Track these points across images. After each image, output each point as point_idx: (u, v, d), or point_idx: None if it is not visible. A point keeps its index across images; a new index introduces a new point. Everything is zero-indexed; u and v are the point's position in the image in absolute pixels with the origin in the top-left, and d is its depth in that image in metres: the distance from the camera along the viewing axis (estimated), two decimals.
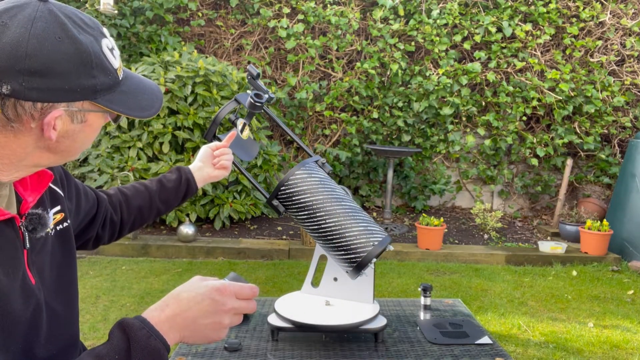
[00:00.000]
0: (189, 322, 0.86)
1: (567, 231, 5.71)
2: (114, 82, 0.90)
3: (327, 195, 1.37)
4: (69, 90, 0.83)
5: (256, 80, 1.37)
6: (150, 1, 6.23)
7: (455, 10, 6.36)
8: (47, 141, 0.86)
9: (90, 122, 0.90)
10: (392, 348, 1.45)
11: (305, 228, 1.42)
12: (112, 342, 0.83)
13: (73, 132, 0.88)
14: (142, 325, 0.83)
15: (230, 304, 0.88)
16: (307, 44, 6.34)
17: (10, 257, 0.90)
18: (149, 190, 1.42)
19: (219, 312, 0.87)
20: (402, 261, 5.09)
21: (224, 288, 0.88)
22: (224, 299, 0.88)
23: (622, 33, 6.55)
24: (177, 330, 0.85)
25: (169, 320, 0.85)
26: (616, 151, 6.65)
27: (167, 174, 1.46)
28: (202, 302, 0.86)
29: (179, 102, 5.29)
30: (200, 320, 0.86)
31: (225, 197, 5.41)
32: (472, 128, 6.60)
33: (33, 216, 0.96)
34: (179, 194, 1.45)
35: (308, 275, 1.59)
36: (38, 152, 0.88)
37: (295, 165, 1.40)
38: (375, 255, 1.32)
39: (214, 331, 0.88)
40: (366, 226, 1.35)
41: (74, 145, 0.91)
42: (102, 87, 0.87)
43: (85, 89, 0.85)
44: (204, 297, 0.87)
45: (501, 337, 3.44)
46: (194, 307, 0.86)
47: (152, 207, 1.42)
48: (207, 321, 0.87)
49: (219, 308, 0.87)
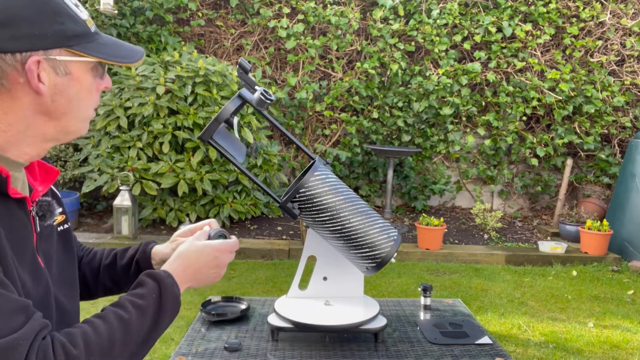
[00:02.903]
0: (197, 274, 1.09)
1: (567, 231, 5.71)
2: (85, 31, 0.93)
3: (347, 195, 1.40)
4: (39, 36, 0.87)
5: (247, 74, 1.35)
6: (150, 1, 6.23)
7: (455, 10, 6.36)
8: (42, 100, 0.90)
9: (76, 75, 0.93)
10: (392, 348, 1.45)
11: (323, 230, 1.41)
12: (147, 286, 0.99)
13: (62, 86, 0.91)
14: (167, 274, 1.03)
15: (227, 258, 1.14)
16: (307, 44, 6.34)
17: (21, 237, 0.93)
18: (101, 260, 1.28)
19: (219, 265, 1.12)
20: (402, 261, 5.09)
21: (221, 247, 1.12)
22: (223, 255, 1.13)
23: (622, 33, 6.55)
24: (187, 281, 1.08)
25: (183, 273, 1.07)
26: (616, 151, 6.65)
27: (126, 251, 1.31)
28: (206, 259, 1.10)
29: (179, 102, 5.29)
30: (204, 271, 1.10)
31: (225, 197, 5.41)
32: (472, 128, 6.60)
33: (43, 203, 1.02)
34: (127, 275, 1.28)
35: (295, 279, 1.58)
36: (39, 119, 0.92)
37: (311, 168, 1.39)
38: (396, 251, 1.39)
39: (214, 278, 1.13)
40: (383, 223, 1.41)
41: (70, 105, 0.93)
42: (72, 33, 0.90)
43: (55, 34, 0.88)
44: (208, 255, 1.11)
45: (501, 337, 3.44)
46: (201, 263, 1.10)
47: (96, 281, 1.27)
48: (210, 272, 1.11)
49: (219, 262, 1.12)
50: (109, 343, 0.90)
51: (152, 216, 5.35)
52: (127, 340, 0.93)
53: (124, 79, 5.49)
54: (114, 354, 0.90)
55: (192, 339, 1.52)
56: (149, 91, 5.27)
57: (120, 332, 0.92)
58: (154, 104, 5.19)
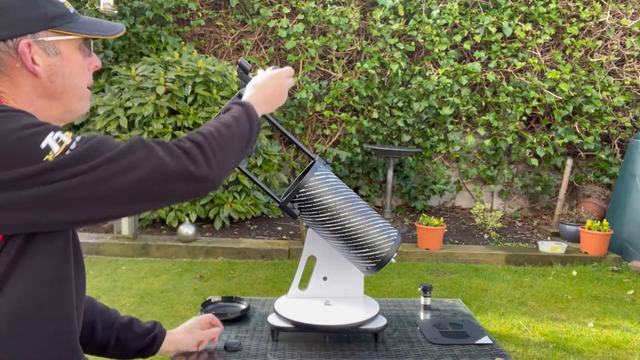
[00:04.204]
0: (271, 98, 1.23)
1: (567, 231, 5.71)
2: (64, 12, 1.01)
3: (347, 195, 1.40)
4: (23, 21, 0.95)
5: (248, 74, 1.35)
6: (150, 1, 6.23)
7: (455, 10, 6.36)
8: (41, 82, 0.98)
9: (67, 55, 1.01)
10: (392, 348, 1.45)
11: (323, 230, 1.41)
12: (232, 108, 1.11)
13: (55, 66, 0.99)
14: (247, 102, 1.15)
15: (288, 83, 1.28)
16: (307, 44, 6.34)
17: None
18: (116, 316, 1.31)
19: (283, 89, 1.26)
20: (402, 261, 5.09)
21: (281, 73, 1.26)
22: (285, 81, 1.27)
23: (622, 33, 6.55)
24: (263, 103, 1.21)
25: (260, 97, 1.21)
26: (616, 151, 6.65)
27: (142, 322, 1.36)
28: (274, 84, 1.25)
29: (179, 102, 5.29)
30: (276, 94, 1.25)
31: (225, 197, 5.41)
32: (472, 128, 6.60)
33: None
34: (137, 342, 1.31)
35: (295, 279, 1.58)
36: (43, 101, 0.99)
37: (311, 168, 1.40)
38: (396, 251, 1.39)
39: (282, 101, 1.27)
40: (383, 223, 1.42)
41: (66, 83, 1.01)
42: (53, 14, 0.99)
43: (38, 17, 0.97)
44: (275, 81, 1.25)
45: (501, 337, 3.44)
46: (271, 90, 1.24)
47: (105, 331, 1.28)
48: (278, 94, 1.25)
49: (283, 86, 1.26)
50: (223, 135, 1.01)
51: (152, 216, 5.35)
52: (236, 135, 1.05)
53: (124, 79, 5.49)
54: (228, 144, 1.01)
55: None
56: (149, 91, 5.26)
57: (229, 130, 1.03)
58: (154, 104, 5.19)
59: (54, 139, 0.86)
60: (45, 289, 0.91)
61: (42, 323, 0.91)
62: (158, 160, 0.89)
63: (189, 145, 0.94)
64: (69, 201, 0.85)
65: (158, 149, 0.90)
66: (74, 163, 0.85)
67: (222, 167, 0.98)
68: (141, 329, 1.32)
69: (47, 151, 0.84)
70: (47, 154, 0.84)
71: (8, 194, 0.83)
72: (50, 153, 0.84)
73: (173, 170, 0.90)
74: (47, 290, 0.91)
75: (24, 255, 0.89)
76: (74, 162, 0.85)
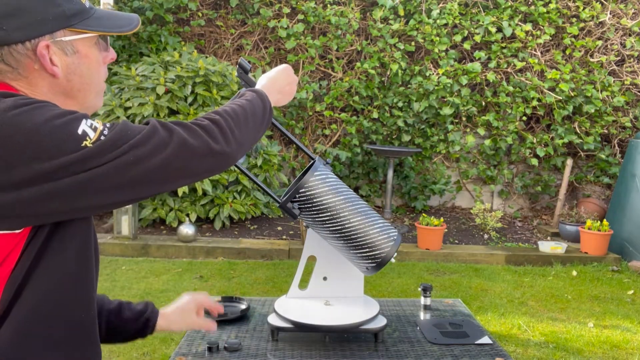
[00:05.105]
0: (282, 89, 1.26)
1: (567, 231, 5.71)
2: (81, 8, 0.99)
3: (347, 195, 1.40)
4: (42, 21, 0.93)
5: (248, 74, 1.35)
6: (150, 1, 6.23)
7: (455, 10, 6.36)
8: (59, 82, 0.96)
9: (85, 53, 0.99)
10: (392, 348, 1.45)
11: (323, 230, 1.41)
12: (246, 94, 1.13)
13: (73, 65, 0.97)
14: (264, 92, 1.17)
15: (294, 76, 1.31)
16: (307, 44, 6.34)
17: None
18: (103, 301, 1.27)
19: (292, 82, 1.29)
20: (402, 261, 5.09)
21: (289, 67, 1.30)
22: (293, 74, 1.30)
23: (622, 33, 6.55)
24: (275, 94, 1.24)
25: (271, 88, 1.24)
26: (616, 151, 6.65)
27: (133, 304, 1.32)
28: (285, 77, 1.28)
29: (179, 102, 5.29)
30: (287, 86, 1.28)
31: (225, 197, 5.41)
32: (472, 128, 6.60)
33: None
34: (129, 326, 1.28)
35: (295, 279, 1.58)
36: (59, 99, 0.97)
37: (311, 168, 1.40)
38: (396, 251, 1.39)
39: (292, 93, 1.30)
40: (383, 223, 1.42)
41: (83, 81, 1.00)
42: (71, 12, 0.96)
43: (56, 16, 0.94)
44: (284, 75, 1.28)
45: (501, 337, 3.44)
46: (282, 82, 1.27)
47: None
48: (288, 87, 1.28)
49: (292, 79, 1.29)
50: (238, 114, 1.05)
51: (152, 216, 5.35)
52: (250, 116, 1.07)
53: (124, 79, 5.49)
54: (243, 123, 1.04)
55: (192, 339, 1.52)
56: (149, 91, 5.26)
57: (243, 110, 1.06)
58: (154, 104, 5.19)
59: (88, 125, 0.87)
60: (69, 281, 0.92)
61: (64, 316, 0.93)
62: (181, 139, 0.92)
63: (207, 123, 0.98)
64: (104, 186, 0.86)
65: (179, 129, 0.93)
66: (111, 148, 0.86)
67: (240, 143, 1.02)
68: (132, 312, 1.29)
69: (85, 137, 0.85)
70: (84, 140, 0.85)
71: (48, 185, 0.83)
72: (87, 139, 0.85)
73: (195, 148, 0.93)
74: (71, 283, 0.93)
75: (49, 249, 0.89)
76: (110, 147, 0.86)
